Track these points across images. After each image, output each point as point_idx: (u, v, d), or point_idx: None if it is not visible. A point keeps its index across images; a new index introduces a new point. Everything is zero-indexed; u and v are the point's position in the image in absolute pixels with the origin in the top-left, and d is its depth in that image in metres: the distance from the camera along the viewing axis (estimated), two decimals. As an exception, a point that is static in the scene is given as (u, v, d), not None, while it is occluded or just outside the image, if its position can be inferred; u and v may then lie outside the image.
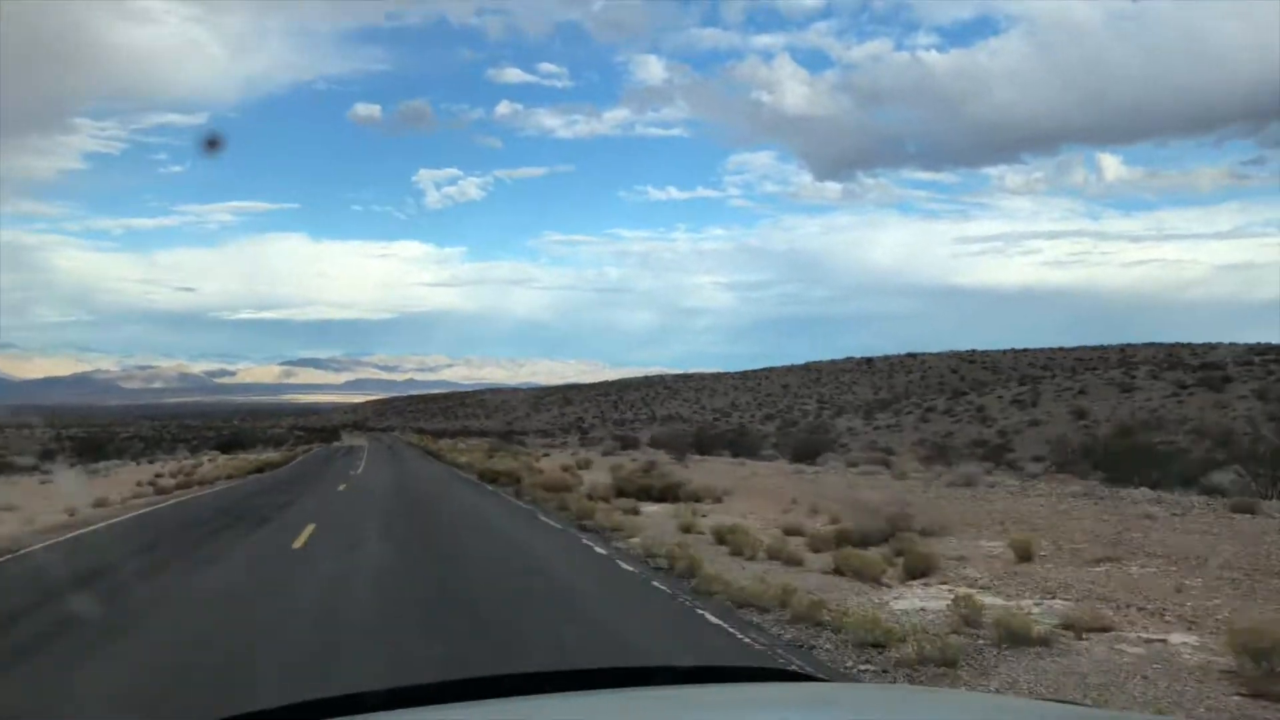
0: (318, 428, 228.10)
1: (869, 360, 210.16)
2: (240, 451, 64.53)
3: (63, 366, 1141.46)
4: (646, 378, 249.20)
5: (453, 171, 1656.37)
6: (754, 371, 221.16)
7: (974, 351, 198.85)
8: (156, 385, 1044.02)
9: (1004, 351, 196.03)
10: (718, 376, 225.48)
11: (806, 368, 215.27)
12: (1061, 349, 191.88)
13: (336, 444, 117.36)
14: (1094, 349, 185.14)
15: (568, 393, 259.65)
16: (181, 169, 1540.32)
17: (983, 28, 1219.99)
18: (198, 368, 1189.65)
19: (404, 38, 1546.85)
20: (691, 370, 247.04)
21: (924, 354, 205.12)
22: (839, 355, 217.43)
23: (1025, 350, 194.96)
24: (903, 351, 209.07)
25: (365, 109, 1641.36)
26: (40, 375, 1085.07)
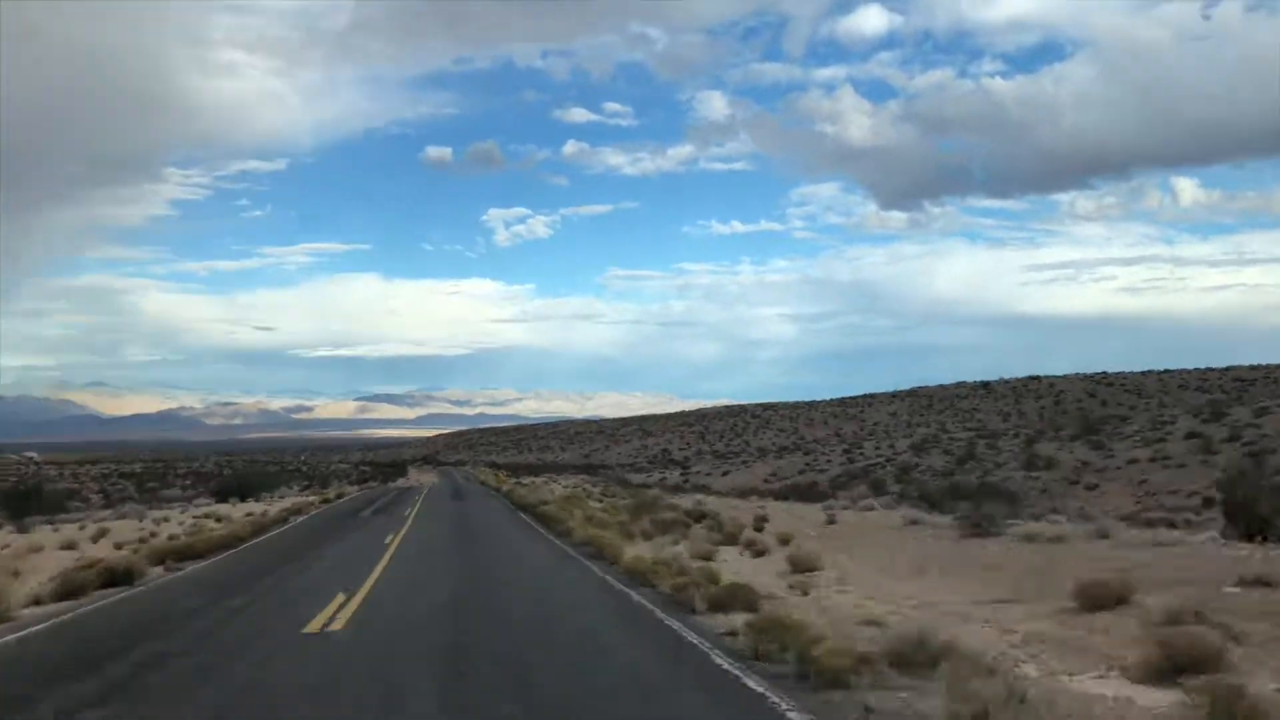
0: (385, 463, 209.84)
1: (985, 384, 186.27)
2: (242, 499, 43.64)
3: (151, 404, 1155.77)
4: (730, 407, 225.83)
5: (521, 210, 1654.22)
6: (852, 399, 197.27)
7: (1105, 374, 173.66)
8: (238, 421, 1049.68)
9: (1144, 373, 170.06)
10: (811, 405, 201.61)
11: (914, 394, 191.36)
12: (1212, 370, 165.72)
13: (397, 483, 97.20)
14: (1252, 368, 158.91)
15: (644, 423, 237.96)
16: (261, 213, 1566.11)
17: (1047, 53, 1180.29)
18: (277, 404, 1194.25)
19: (472, 81, 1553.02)
20: (777, 400, 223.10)
21: (1047, 376, 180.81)
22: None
23: (1167, 372, 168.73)
24: (1022, 375, 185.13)
25: (436, 151, 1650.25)
26: (130, 412, 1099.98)
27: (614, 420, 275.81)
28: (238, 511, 33.18)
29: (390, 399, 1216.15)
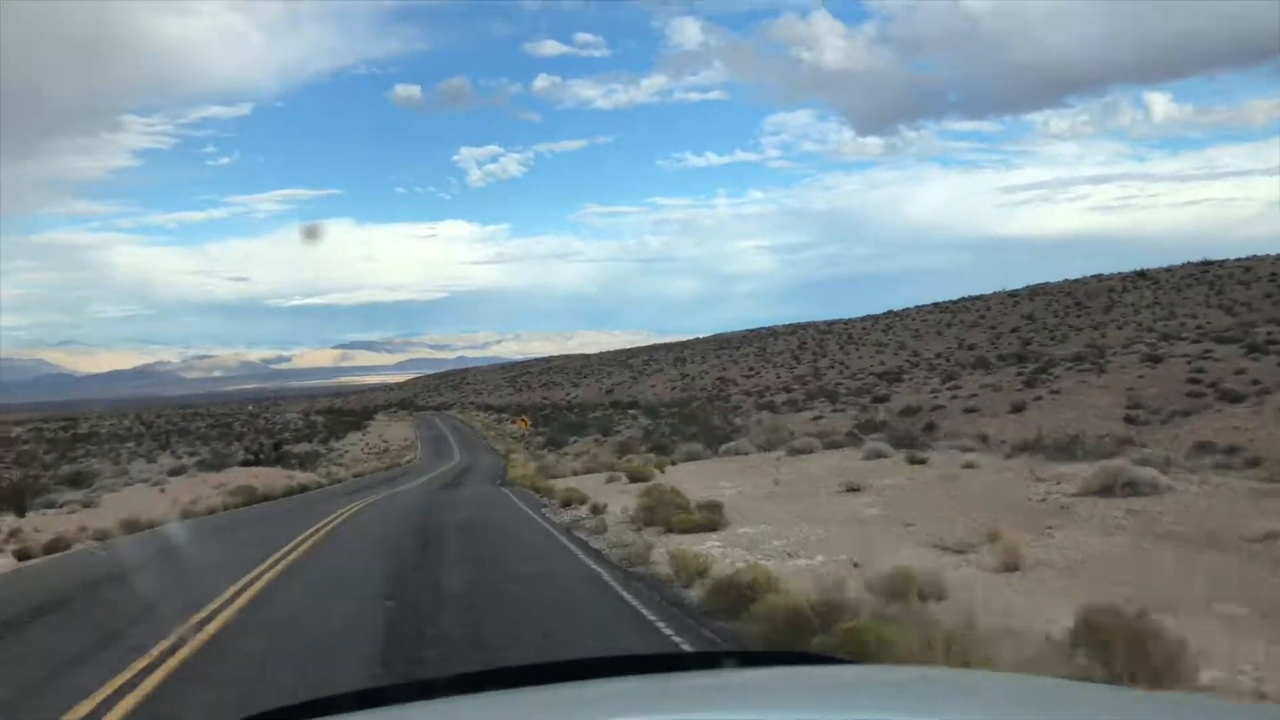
0: (348, 410, 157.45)
1: (1142, 273, 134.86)
2: None
3: (126, 360, 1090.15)
4: (790, 326, 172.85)
5: (493, 149, 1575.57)
6: (951, 303, 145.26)
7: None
8: (217, 374, 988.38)
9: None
10: (899, 314, 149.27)
11: (1041, 290, 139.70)
12: None
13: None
14: None
15: (676, 349, 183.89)
16: (229, 160, 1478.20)
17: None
18: (255, 355, 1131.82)
19: (440, 15, 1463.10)
20: (879, 312, 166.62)
21: (1220, 260, 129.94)
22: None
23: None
24: (1183, 261, 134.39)
25: (405, 90, 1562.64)
26: (105, 369, 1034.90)
27: (635, 349, 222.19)
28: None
29: (369, 345, 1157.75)
